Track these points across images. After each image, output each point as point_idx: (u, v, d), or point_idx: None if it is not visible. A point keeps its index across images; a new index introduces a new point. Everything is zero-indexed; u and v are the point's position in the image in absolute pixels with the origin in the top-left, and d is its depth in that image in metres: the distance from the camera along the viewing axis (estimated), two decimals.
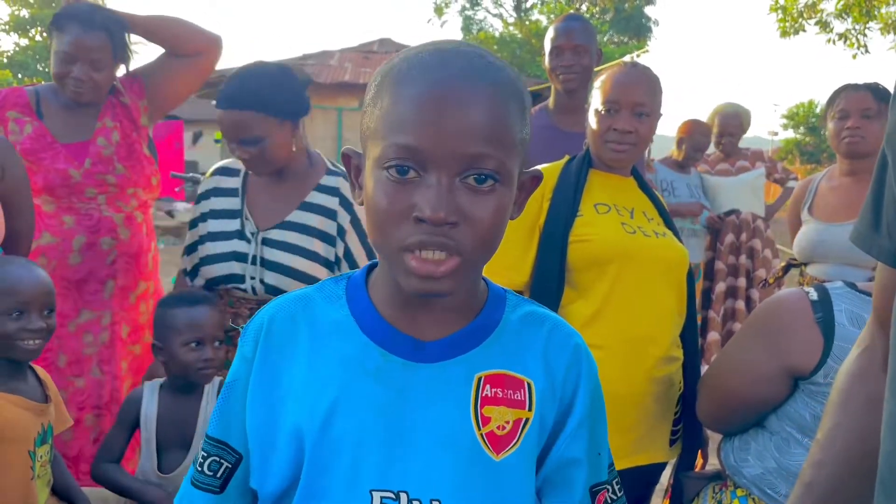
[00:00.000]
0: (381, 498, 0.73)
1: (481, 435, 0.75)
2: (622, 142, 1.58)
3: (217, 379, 1.72)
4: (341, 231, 1.82)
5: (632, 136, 1.58)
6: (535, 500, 0.80)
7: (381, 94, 0.72)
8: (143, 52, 2.28)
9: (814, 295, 1.27)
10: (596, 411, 0.83)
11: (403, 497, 0.73)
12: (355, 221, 1.84)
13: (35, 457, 1.62)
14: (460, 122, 0.67)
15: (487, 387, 0.76)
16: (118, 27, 2.08)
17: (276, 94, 1.73)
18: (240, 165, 1.90)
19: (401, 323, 0.77)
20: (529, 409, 0.77)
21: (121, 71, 2.17)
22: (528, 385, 0.77)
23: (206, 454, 0.82)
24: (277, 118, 1.74)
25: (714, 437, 1.66)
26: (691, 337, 1.65)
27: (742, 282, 3.64)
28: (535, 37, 22.27)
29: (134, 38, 2.16)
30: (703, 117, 4.12)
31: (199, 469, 0.82)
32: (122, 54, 2.12)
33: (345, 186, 1.84)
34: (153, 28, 2.15)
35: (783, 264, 2.53)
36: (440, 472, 0.74)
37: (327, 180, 1.86)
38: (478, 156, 0.68)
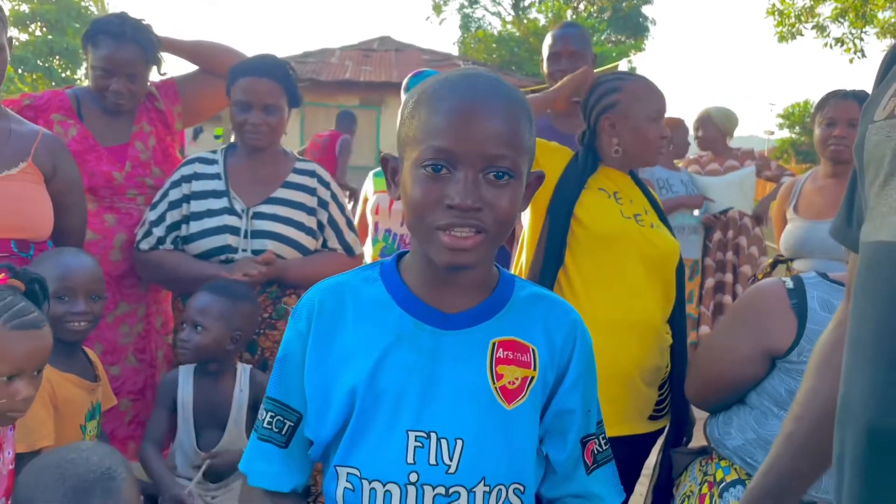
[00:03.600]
0: (416, 437, 0.92)
1: (496, 388, 0.94)
2: (664, 145, 1.89)
3: (248, 366, 1.88)
4: (323, 203, 2.12)
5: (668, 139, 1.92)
6: (537, 443, 0.98)
7: (418, 109, 0.91)
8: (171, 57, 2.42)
9: (790, 284, 1.45)
10: (588, 376, 1.01)
11: (433, 436, 0.92)
12: (334, 196, 2.17)
13: (85, 430, 1.79)
14: (483, 130, 0.86)
15: (500, 350, 0.95)
16: (147, 36, 2.22)
17: (290, 77, 2.09)
18: (215, 155, 2.13)
19: (429, 299, 0.95)
20: (534, 369, 0.96)
21: (153, 74, 2.33)
22: (533, 350, 0.96)
23: (270, 413, 0.99)
24: (287, 98, 2.08)
25: (700, 418, 1.83)
26: (679, 322, 1.84)
27: (729, 277, 3.83)
28: (533, 35, 22.38)
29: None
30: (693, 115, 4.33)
31: (266, 426, 1.00)
32: (154, 60, 2.28)
33: (318, 168, 2.19)
34: (194, 52, 2.37)
35: (770, 261, 2.70)
36: (463, 417, 0.93)
37: (301, 165, 2.18)
38: (497, 156, 0.87)
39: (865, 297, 0.73)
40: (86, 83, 2.32)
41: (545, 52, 2.64)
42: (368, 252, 2.75)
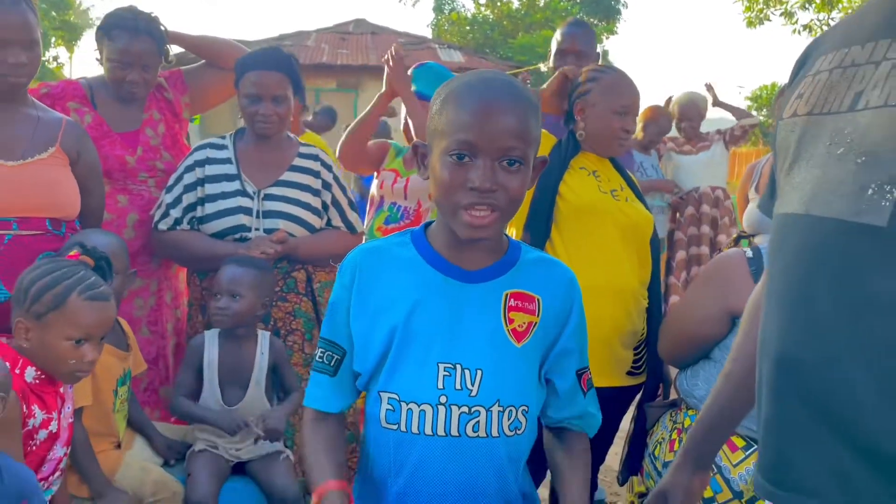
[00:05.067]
0: (444, 367, 1.13)
1: (508, 330, 1.15)
2: (627, 139, 2.05)
3: (267, 332, 2.06)
4: (326, 185, 2.29)
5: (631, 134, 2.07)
6: (538, 375, 1.19)
7: (445, 107, 1.11)
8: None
9: (749, 253, 1.67)
10: (583, 324, 1.23)
11: (458, 367, 1.13)
12: (336, 178, 2.34)
13: (116, 395, 1.96)
14: (499, 126, 1.06)
15: (511, 300, 1.16)
16: (158, 28, 2.37)
17: (296, 69, 2.25)
18: (224, 140, 2.28)
19: (453, 259, 1.16)
20: (538, 316, 1.17)
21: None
22: (538, 300, 1.17)
23: (321, 350, 1.21)
24: (293, 88, 2.23)
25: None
26: (654, 289, 2.05)
27: (704, 249, 4.10)
28: (507, 18, 22.49)
29: None
30: (670, 99, 4.56)
31: (319, 360, 1.21)
32: (164, 51, 2.42)
33: (321, 153, 2.34)
34: (199, 46, 2.54)
35: (735, 236, 2.93)
36: (482, 351, 1.14)
37: (304, 149, 2.33)
38: (510, 147, 1.07)
39: (774, 257, 0.92)
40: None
41: (553, 47, 2.84)
42: (371, 220, 2.89)
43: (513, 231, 2.01)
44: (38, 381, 1.55)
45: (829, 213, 0.82)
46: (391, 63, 2.60)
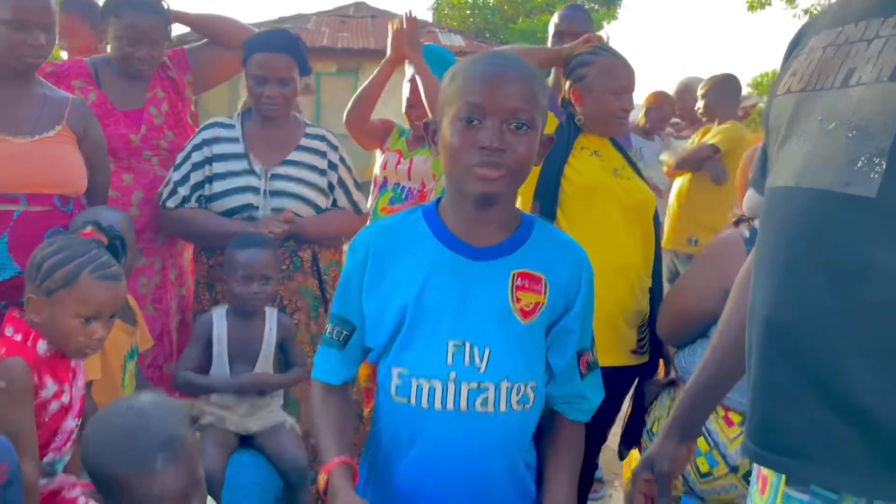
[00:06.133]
0: (453, 344, 1.16)
1: (515, 309, 1.18)
2: (626, 118, 2.08)
3: (275, 309, 2.09)
4: (332, 166, 2.31)
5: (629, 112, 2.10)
6: (545, 352, 1.22)
7: (455, 78, 1.15)
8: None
9: (745, 233, 1.70)
10: (590, 305, 1.25)
11: (467, 344, 1.16)
12: (342, 159, 2.36)
13: (125, 369, 2.00)
14: (507, 88, 1.10)
15: (519, 279, 1.18)
16: (162, 5, 2.39)
17: (302, 50, 2.26)
18: (232, 120, 2.30)
19: (463, 236, 1.18)
20: (544, 296, 1.19)
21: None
22: (545, 281, 1.19)
23: (332, 325, 1.24)
24: (299, 69, 2.25)
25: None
26: (657, 268, 2.08)
27: None
28: (508, 2, 22.34)
29: None
30: (669, 85, 4.56)
31: (329, 335, 1.24)
32: (169, 29, 2.44)
33: (327, 133, 2.37)
34: (202, 24, 2.55)
35: (734, 219, 2.96)
36: (490, 329, 1.16)
37: (311, 129, 2.36)
38: (518, 109, 1.10)
39: (764, 228, 0.95)
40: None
41: (550, 30, 2.88)
42: (375, 201, 2.89)
43: None
44: (49, 355, 1.58)
45: (818, 185, 0.85)
46: (405, 26, 2.53)
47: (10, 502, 1.33)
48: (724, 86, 4.02)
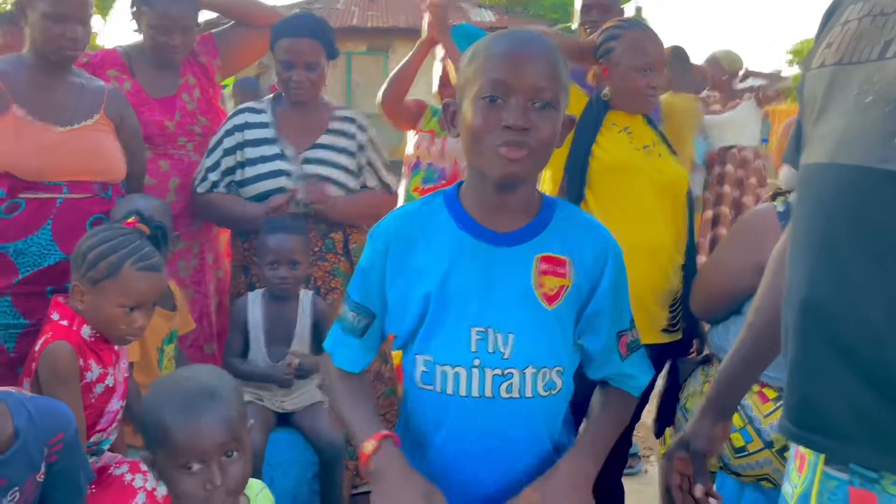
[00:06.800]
0: (477, 331, 1.15)
1: (539, 294, 1.16)
2: (654, 95, 2.03)
3: (310, 292, 2.12)
4: (361, 147, 2.34)
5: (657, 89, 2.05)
6: (572, 336, 1.20)
7: (476, 56, 1.12)
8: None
9: (780, 207, 1.67)
10: (620, 284, 1.22)
11: (490, 331, 1.15)
12: (371, 140, 2.38)
13: (162, 353, 2.05)
14: (530, 66, 1.08)
15: (542, 263, 1.16)
16: None
17: (329, 33, 2.28)
18: (262, 105, 2.33)
19: (485, 221, 1.16)
20: (569, 279, 1.17)
21: None
22: (569, 263, 1.17)
23: (351, 311, 1.23)
24: (326, 53, 2.26)
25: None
26: (690, 245, 2.05)
27: (725, 209, 4.05)
28: None
29: None
30: (701, 57, 4.47)
31: (348, 321, 1.23)
32: (198, 16, 2.47)
33: (356, 116, 2.38)
34: (228, 7, 2.58)
35: (771, 193, 2.91)
36: (514, 315, 1.15)
37: (340, 112, 2.38)
38: (542, 88, 1.07)
39: (800, 205, 0.93)
40: None
41: (577, 3, 2.83)
42: (409, 181, 2.92)
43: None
44: (93, 339, 1.63)
45: (854, 161, 0.83)
46: (433, 8, 2.54)
47: (67, 467, 1.38)
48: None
